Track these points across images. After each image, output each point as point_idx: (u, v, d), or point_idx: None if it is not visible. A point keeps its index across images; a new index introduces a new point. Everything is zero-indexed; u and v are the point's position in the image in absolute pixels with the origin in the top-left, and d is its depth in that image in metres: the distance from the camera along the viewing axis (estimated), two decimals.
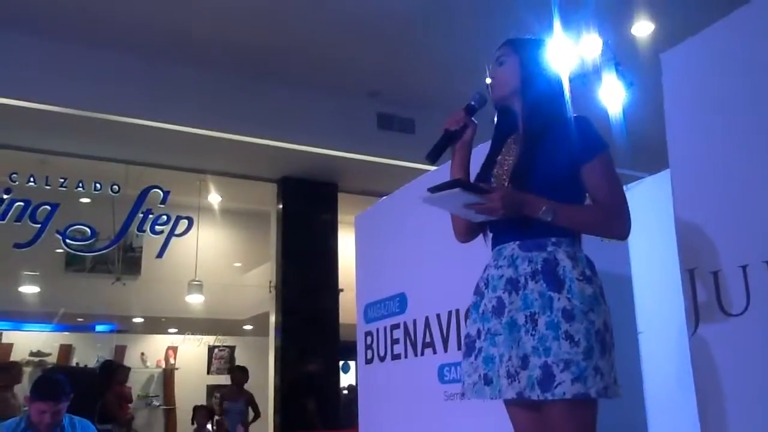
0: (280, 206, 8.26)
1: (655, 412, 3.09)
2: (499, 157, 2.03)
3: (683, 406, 2.89)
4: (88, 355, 9.51)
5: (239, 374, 7.89)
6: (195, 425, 7.40)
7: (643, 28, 5.71)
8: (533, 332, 1.74)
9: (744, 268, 2.15)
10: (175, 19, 6.01)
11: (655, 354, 3.13)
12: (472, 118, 2.02)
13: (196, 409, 7.98)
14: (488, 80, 2.07)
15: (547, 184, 1.83)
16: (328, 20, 6.06)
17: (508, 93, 2.03)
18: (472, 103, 2.02)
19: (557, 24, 4.30)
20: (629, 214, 1.91)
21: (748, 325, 2.13)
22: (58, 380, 3.37)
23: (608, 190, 1.87)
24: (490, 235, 2.00)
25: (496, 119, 2.11)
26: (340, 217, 8.33)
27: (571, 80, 2.12)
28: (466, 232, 2.06)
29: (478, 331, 1.87)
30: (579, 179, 1.88)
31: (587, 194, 1.93)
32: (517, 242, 1.86)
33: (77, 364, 9.17)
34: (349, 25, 6.14)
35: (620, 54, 4.38)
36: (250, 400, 7.60)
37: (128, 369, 8.25)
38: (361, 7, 5.83)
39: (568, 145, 1.86)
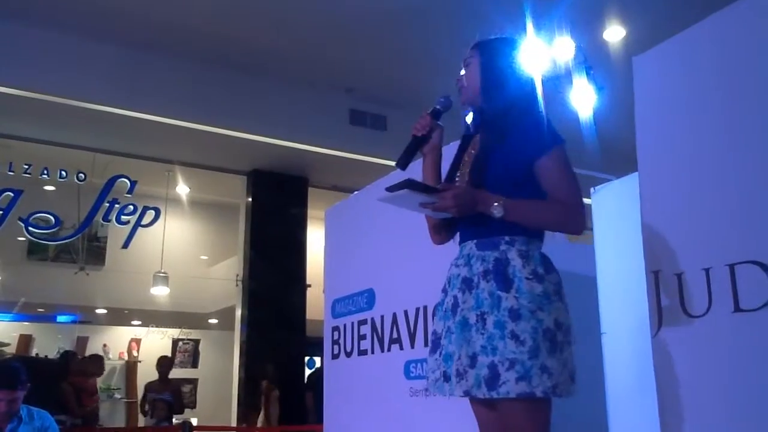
0: (250, 199, 8.21)
1: (617, 411, 3.14)
2: (466, 156, 2.05)
3: (644, 406, 2.93)
4: (48, 345, 9.32)
5: (164, 365, 7.77)
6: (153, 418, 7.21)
7: (614, 34, 5.80)
8: (482, 331, 1.76)
9: (707, 270, 2.19)
10: (149, 5, 5.92)
11: (618, 354, 3.17)
12: (438, 122, 2.04)
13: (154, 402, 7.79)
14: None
15: (503, 182, 1.85)
16: (304, 15, 6.04)
17: (473, 95, 2.05)
18: (438, 107, 2.03)
19: (529, 26, 4.33)
20: (583, 210, 1.88)
21: (709, 327, 2.18)
22: (14, 368, 3.29)
23: (561, 185, 1.85)
24: (458, 234, 2.03)
25: (467, 120, 2.12)
26: (309, 212, 8.31)
27: (543, 82, 2.13)
28: (436, 232, 2.08)
29: (442, 329, 1.90)
30: (535, 176, 1.89)
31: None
32: (475, 241, 1.88)
33: (37, 354, 8.98)
34: (325, 21, 6.12)
35: (592, 58, 4.43)
36: (177, 392, 7.41)
37: (97, 360, 8.06)
38: (338, 4, 5.82)
39: (523, 142, 1.87)
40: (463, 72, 2.06)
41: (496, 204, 1.79)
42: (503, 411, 1.77)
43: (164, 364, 7.74)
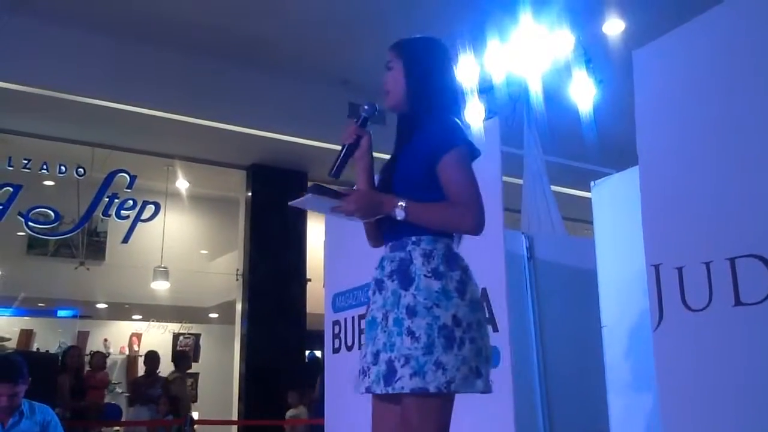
0: (249, 194, 8.20)
1: (617, 403, 3.15)
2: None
3: (644, 398, 2.95)
4: (49, 340, 9.33)
5: (151, 360, 7.74)
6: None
7: (613, 27, 5.78)
8: (385, 329, 1.79)
9: (708, 264, 2.20)
10: None
11: (618, 347, 3.19)
12: (366, 128, 2.02)
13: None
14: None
15: (408, 184, 1.86)
16: (303, 8, 6.02)
17: (398, 100, 2.02)
18: (363, 114, 2.01)
19: (529, 20, 4.33)
20: (481, 210, 1.83)
21: (710, 321, 2.19)
22: (16, 362, 3.26)
23: (457, 185, 1.83)
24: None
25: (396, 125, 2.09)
26: None
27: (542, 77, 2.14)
28: (369, 236, 2.06)
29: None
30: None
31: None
32: (390, 243, 1.90)
33: (38, 349, 8.99)
34: (323, 14, 6.10)
35: (591, 52, 4.43)
36: (165, 386, 7.28)
37: (99, 355, 8.06)
38: None
39: (427, 144, 1.87)
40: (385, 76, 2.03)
41: (398, 206, 1.80)
42: (401, 407, 1.78)
43: (152, 358, 7.75)
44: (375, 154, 2.05)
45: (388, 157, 2.06)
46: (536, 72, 4.13)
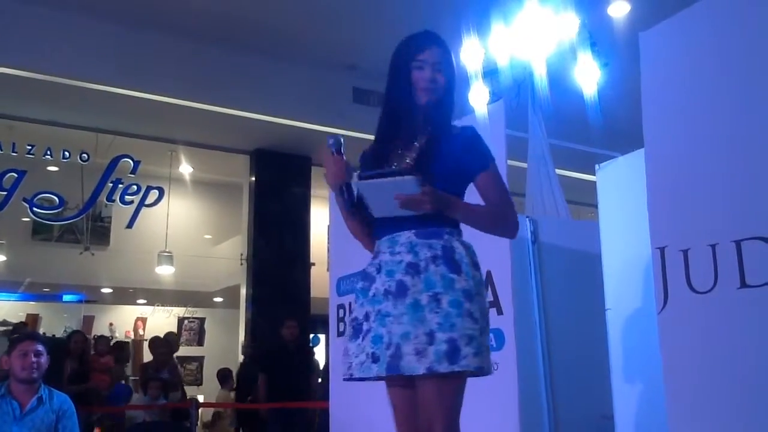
0: (253, 178, 8.20)
1: (621, 386, 3.16)
2: (399, 151, 2.04)
3: (648, 382, 2.96)
4: (55, 325, 9.39)
5: (158, 344, 7.74)
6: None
7: (619, 9, 5.73)
8: (437, 310, 1.84)
9: (713, 247, 2.19)
10: None
11: (622, 330, 3.19)
12: (334, 152, 2.01)
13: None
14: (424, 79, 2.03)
15: (449, 185, 1.95)
16: None
17: (434, 99, 2.04)
18: (333, 150, 2.01)
19: (533, 3, 4.30)
20: (516, 215, 2.09)
21: (715, 303, 2.18)
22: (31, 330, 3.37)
23: (503, 197, 2.05)
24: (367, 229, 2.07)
25: (393, 117, 2.09)
26: (312, 191, 8.30)
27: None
28: (366, 236, 2.10)
29: (366, 314, 1.94)
30: (471, 184, 2.05)
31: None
32: (413, 231, 1.94)
33: (44, 333, 9.06)
34: None
35: (596, 34, 4.40)
36: (173, 370, 7.24)
37: (104, 340, 8.07)
38: None
39: (468, 156, 2.01)
40: (427, 71, 2.03)
41: (461, 209, 1.96)
42: (426, 387, 1.84)
43: (158, 345, 7.74)
44: (364, 136, 2.07)
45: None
46: (541, 55, 4.10)
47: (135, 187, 7.64)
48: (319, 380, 6.88)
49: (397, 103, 2.07)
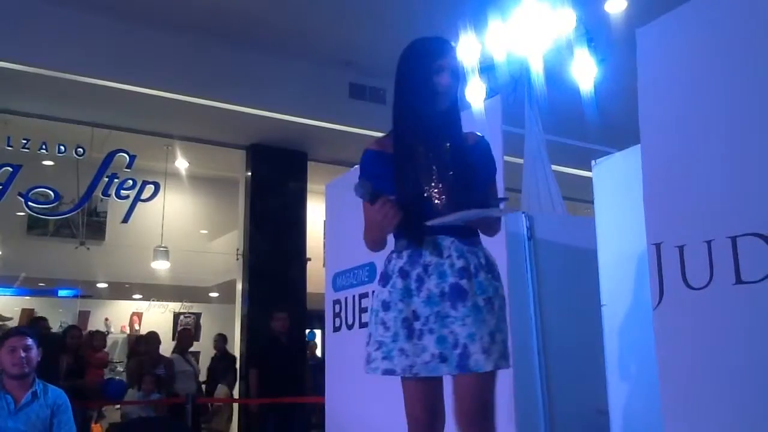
0: (249, 173, 8.19)
1: (616, 382, 3.17)
2: (422, 160, 2.04)
3: (643, 377, 2.97)
4: (50, 319, 9.31)
5: (151, 341, 7.74)
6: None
7: (615, 5, 5.73)
8: (492, 313, 1.99)
9: (709, 243, 2.19)
10: None
11: (618, 326, 3.20)
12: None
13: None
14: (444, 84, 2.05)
15: (481, 191, 2.08)
16: None
17: (452, 104, 2.08)
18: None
19: None
20: None
21: (711, 299, 2.18)
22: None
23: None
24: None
25: (413, 121, 2.07)
26: (309, 186, 8.29)
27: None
28: (383, 240, 2.13)
29: (415, 314, 1.97)
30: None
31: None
32: (455, 238, 2.02)
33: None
34: None
35: (593, 30, 4.39)
36: (168, 365, 7.18)
37: (99, 335, 8.06)
38: None
39: (488, 163, 2.15)
40: (446, 76, 2.07)
41: None
42: (489, 382, 1.99)
43: (150, 341, 7.74)
44: (371, 132, 2.08)
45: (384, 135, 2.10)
46: (537, 51, 4.10)
47: (131, 181, 7.61)
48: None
49: (418, 107, 2.06)
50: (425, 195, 2.01)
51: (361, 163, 2.14)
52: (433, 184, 2.03)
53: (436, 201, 2.01)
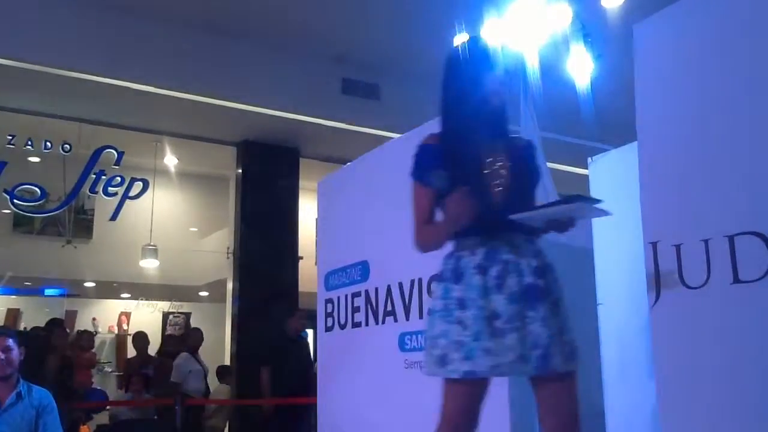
0: (240, 170, 8.12)
1: (612, 382, 3.15)
2: (489, 159, 2.09)
3: (640, 377, 2.94)
4: (36, 319, 9.21)
5: (140, 340, 7.70)
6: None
7: (612, 0, 5.70)
8: (564, 314, 2.06)
9: (706, 241, 2.18)
10: None
11: (614, 325, 3.18)
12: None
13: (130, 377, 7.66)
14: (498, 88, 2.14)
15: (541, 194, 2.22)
16: None
17: (504, 102, 2.18)
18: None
19: None
20: None
21: (708, 298, 2.17)
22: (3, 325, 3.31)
23: None
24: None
25: (474, 117, 2.12)
26: (301, 184, 8.23)
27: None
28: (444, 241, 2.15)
29: (495, 312, 1.96)
30: None
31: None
32: (525, 236, 2.08)
33: (25, 328, 8.94)
34: None
35: (589, 25, 4.37)
36: (157, 367, 7.24)
37: (87, 335, 8.00)
38: None
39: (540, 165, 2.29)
40: (500, 75, 2.17)
41: None
42: (573, 383, 2.05)
43: (139, 339, 7.72)
44: (364, 129, 2.08)
45: (386, 134, 2.10)
46: (533, 46, 4.07)
47: (119, 178, 7.52)
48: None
49: (481, 102, 2.11)
50: (497, 190, 2.04)
51: (418, 156, 2.13)
52: (501, 180, 2.07)
53: (505, 198, 2.03)
